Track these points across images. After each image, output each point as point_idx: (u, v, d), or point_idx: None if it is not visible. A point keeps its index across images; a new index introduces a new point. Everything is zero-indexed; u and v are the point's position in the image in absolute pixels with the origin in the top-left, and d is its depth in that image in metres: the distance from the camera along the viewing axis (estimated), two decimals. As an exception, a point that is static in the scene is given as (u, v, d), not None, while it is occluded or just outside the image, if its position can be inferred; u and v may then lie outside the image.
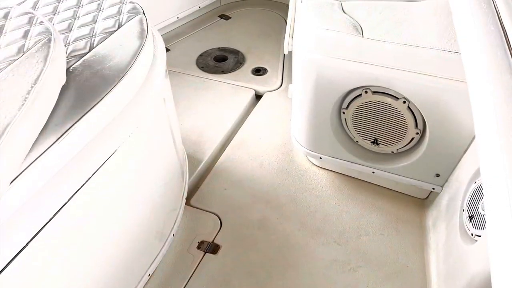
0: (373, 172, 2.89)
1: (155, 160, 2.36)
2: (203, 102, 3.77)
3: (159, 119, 2.35)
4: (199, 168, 3.19)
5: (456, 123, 2.41)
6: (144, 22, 2.26)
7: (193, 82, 3.99)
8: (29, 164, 1.56)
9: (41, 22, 1.92)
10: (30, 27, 1.89)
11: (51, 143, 1.63)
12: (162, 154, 2.47)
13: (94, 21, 2.23)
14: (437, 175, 2.69)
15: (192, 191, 3.05)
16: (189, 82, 3.98)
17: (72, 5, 2.35)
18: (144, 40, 2.13)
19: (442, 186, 2.73)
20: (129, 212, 2.20)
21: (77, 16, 2.27)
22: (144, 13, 2.33)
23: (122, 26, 2.19)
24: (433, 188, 2.78)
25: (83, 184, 1.77)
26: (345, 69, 2.50)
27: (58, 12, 2.31)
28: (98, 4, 2.36)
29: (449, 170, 2.63)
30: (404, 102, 2.49)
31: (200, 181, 3.13)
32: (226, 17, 4.97)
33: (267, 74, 4.07)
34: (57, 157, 1.65)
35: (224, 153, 3.34)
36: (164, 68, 2.31)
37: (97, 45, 2.06)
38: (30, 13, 1.98)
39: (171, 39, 4.58)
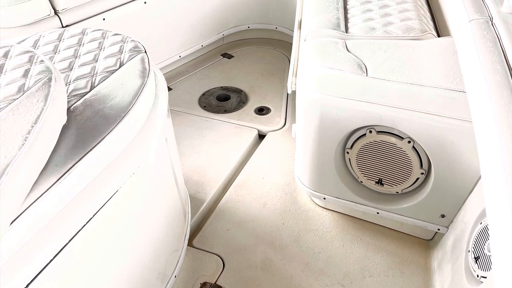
0: (378, 213, 2.88)
1: (156, 201, 2.36)
2: (206, 141, 3.77)
3: (161, 159, 2.35)
4: (201, 208, 3.17)
5: (462, 163, 2.41)
6: (146, 61, 2.26)
7: (196, 121, 4.00)
8: (29, 204, 1.55)
9: (42, 60, 1.92)
10: (31, 66, 1.90)
11: (52, 184, 1.63)
12: (164, 194, 2.46)
13: (95, 59, 2.24)
14: (442, 216, 2.68)
15: (194, 232, 3.04)
16: (191, 122, 3.99)
17: (73, 44, 2.36)
18: (146, 79, 2.14)
19: (447, 227, 2.72)
20: (130, 253, 2.18)
21: (78, 55, 2.28)
22: (145, 51, 2.34)
23: (123, 65, 2.20)
24: (438, 229, 2.77)
25: (84, 225, 1.76)
26: (349, 108, 2.51)
27: (59, 51, 2.32)
28: (99, 42, 2.37)
29: (455, 211, 2.62)
30: (409, 142, 2.50)
31: (203, 222, 3.12)
32: (229, 56, 5.00)
33: (270, 113, 4.07)
34: (57, 197, 1.65)
35: (227, 193, 3.33)
36: (166, 107, 2.31)
37: (98, 84, 2.07)
38: (30, 51, 1.99)
39: (173, 78, 4.60)
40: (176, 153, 2.62)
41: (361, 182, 2.83)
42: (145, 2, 3.99)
